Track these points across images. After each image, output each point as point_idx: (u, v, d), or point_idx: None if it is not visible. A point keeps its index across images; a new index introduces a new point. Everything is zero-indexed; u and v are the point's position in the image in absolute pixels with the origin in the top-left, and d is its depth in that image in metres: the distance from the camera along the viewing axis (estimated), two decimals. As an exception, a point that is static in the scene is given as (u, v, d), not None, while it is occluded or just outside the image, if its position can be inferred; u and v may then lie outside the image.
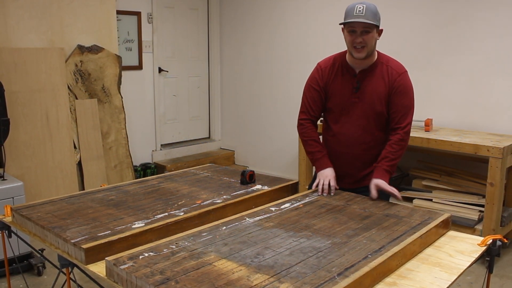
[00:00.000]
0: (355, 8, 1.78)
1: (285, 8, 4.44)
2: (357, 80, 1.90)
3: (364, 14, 1.76)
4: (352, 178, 1.99)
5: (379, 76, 1.88)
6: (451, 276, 1.29)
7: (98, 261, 1.34)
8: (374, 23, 1.78)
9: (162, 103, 4.75)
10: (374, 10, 1.80)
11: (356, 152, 1.95)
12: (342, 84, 1.92)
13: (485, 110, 3.29)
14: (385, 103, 1.88)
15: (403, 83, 1.87)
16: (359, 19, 1.76)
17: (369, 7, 1.78)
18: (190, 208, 1.69)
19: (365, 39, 1.79)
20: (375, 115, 1.90)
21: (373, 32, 1.80)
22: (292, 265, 1.23)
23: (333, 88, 1.94)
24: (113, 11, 3.96)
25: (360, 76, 1.90)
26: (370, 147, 1.94)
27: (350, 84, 1.91)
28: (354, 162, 1.97)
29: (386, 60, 1.92)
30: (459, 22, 3.34)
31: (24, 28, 3.47)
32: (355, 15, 1.77)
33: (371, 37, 1.80)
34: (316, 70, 1.99)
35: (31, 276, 2.71)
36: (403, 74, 1.88)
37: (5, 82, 3.11)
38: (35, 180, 3.48)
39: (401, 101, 1.86)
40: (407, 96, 1.87)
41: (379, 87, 1.87)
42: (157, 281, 1.12)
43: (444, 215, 1.64)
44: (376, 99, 1.88)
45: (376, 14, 1.81)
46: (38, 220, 1.55)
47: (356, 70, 1.91)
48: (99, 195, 1.86)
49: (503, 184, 2.83)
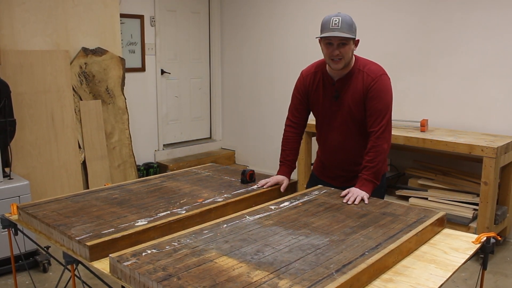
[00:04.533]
0: (331, 21, 1.76)
1: (284, 11, 4.47)
2: (336, 89, 1.92)
3: (340, 27, 1.75)
4: (343, 178, 2.04)
5: (356, 83, 1.88)
6: (446, 272, 1.30)
7: (102, 258, 1.35)
8: (350, 36, 1.77)
9: (164, 104, 4.78)
10: (349, 22, 1.78)
11: (342, 157, 2.00)
12: (323, 93, 1.95)
13: (479, 111, 3.31)
14: (363, 109, 1.89)
15: (377, 87, 1.84)
16: (335, 33, 1.75)
17: (344, 19, 1.77)
18: (191, 206, 1.69)
19: (342, 51, 1.79)
20: (356, 121, 1.91)
21: (349, 44, 1.80)
22: (291, 262, 1.24)
23: (314, 97, 1.98)
24: (117, 15, 4.00)
25: (338, 85, 1.91)
26: (355, 152, 1.96)
27: (330, 93, 1.93)
28: (342, 165, 2.03)
29: (363, 65, 1.90)
30: (453, 25, 3.36)
31: (30, 31, 3.50)
32: (331, 28, 1.76)
33: (348, 49, 1.80)
34: (299, 80, 2.03)
35: (37, 272, 2.73)
36: (378, 78, 1.85)
37: (11, 83, 3.14)
38: (41, 179, 3.52)
39: (374, 105, 1.84)
40: (380, 100, 1.84)
41: (356, 93, 1.88)
42: (159, 277, 1.13)
43: (439, 213, 1.65)
44: (354, 106, 1.89)
45: (352, 25, 1.79)
46: (44, 218, 1.56)
47: (334, 79, 1.92)
48: (103, 193, 1.87)
49: (496, 183, 2.85)
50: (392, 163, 3.76)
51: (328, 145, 2.03)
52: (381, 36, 3.78)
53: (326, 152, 2.05)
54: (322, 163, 2.12)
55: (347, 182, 2.01)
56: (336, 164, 2.04)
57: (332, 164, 2.06)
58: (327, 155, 2.06)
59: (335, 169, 2.06)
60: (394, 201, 1.85)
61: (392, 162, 3.76)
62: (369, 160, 1.85)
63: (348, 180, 2.01)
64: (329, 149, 2.03)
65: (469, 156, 2.98)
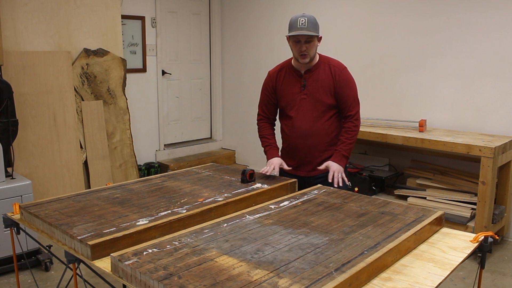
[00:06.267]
0: (298, 21, 2.01)
1: (283, 13, 4.48)
2: (304, 79, 2.15)
3: (307, 26, 2.00)
4: (310, 166, 2.20)
5: (323, 73, 2.13)
6: (444, 271, 1.30)
7: (103, 257, 1.36)
8: (315, 34, 2.03)
9: (165, 104, 4.80)
10: (314, 21, 2.04)
11: (310, 142, 2.17)
12: (290, 85, 2.18)
13: (477, 111, 3.32)
14: (332, 95, 2.13)
15: (345, 77, 2.13)
16: (303, 32, 2.00)
17: (310, 19, 2.02)
18: (192, 206, 1.70)
19: (308, 47, 2.05)
20: (324, 107, 2.13)
21: (314, 41, 2.06)
22: (291, 261, 1.24)
23: (282, 89, 2.21)
24: (118, 16, 4.01)
25: (306, 76, 2.15)
26: (322, 135, 2.16)
27: (298, 83, 2.16)
28: (310, 151, 2.18)
29: (327, 60, 2.17)
30: (451, 26, 3.37)
31: (32, 32, 3.52)
32: (298, 27, 2.00)
33: (313, 45, 2.06)
34: (266, 78, 2.27)
35: (39, 271, 2.74)
36: (344, 69, 2.14)
37: (14, 84, 3.16)
38: (43, 179, 3.53)
39: (347, 92, 2.12)
40: (351, 88, 2.14)
41: (325, 82, 2.12)
42: (160, 276, 1.14)
43: (438, 212, 1.65)
44: (323, 93, 2.12)
45: (316, 24, 2.05)
46: (46, 218, 1.57)
47: (302, 71, 2.16)
48: (104, 193, 1.88)
49: (494, 183, 2.86)
50: (390, 162, 3.77)
51: (296, 132, 2.18)
52: (379, 37, 3.78)
53: (293, 138, 2.20)
54: (287, 153, 2.25)
55: (313, 171, 2.17)
56: (304, 149, 2.18)
57: (301, 151, 2.19)
58: (294, 141, 2.20)
59: (303, 156, 2.19)
60: (393, 201, 1.86)
61: (390, 162, 3.77)
62: (348, 138, 2.12)
63: (314, 169, 2.17)
64: (296, 135, 2.18)
65: (467, 156, 2.99)
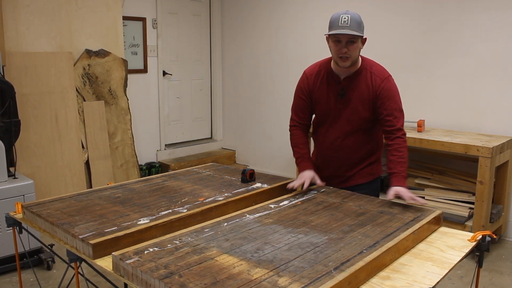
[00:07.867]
0: (340, 18, 1.75)
1: (283, 14, 4.49)
2: (342, 87, 1.91)
3: (349, 25, 1.74)
4: (340, 179, 2.04)
5: (363, 82, 1.88)
6: (442, 270, 1.31)
7: (105, 256, 1.37)
8: (359, 34, 1.76)
9: (166, 104, 4.81)
10: (358, 20, 1.77)
11: (342, 155, 1.99)
12: (327, 91, 1.94)
13: (475, 112, 3.33)
14: (369, 108, 1.89)
15: (387, 87, 1.87)
16: (344, 31, 1.74)
17: (353, 17, 1.76)
18: (193, 205, 1.71)
19: (350, 49, 1.78)
20: (360, 120, 1.92)
21: (357, 42, 1.79)
22: (291, 260, 1.25)
23: (318, 95, 1.96)
24: (120, 17, 4.02)
25: (344, 83, 1.91)
26: (354, 151, 1.98)
27: (336, 91, 1.92)
28: (340, 165, 2.02)
29: (370, 66, 1.91)
30: (449, 26, 3.38)
31: (34, 33, 3.53)
32: (340, 25, 1.75)
33: (355, 47, 1.79)
34: (302, 79, 2.02)
35: (41, 270, 2.75)
36: (386, 79, 1.88)
37: (16, 85, 3.16)
38: (45, 179, 3.54)
39: (390, 105, 1.86)
40: (393, 99, 1.87)
41: (363, 93, 1.88)
42: (161, 275, 1.15)
43: (436, 212, 1.66)
44: (360, 105, 1.89)
45: (361, 24, 1.79)
46: (48, 217, 1.57)
47: (341, 77, 1.91)
48: (106, 192, 1.89)
49: (492, 182, 2.87)
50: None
51: (327, 142, 2.01)
52: (378, 37, 3.79)
53: (324, 149, 2.04)
54: (317, 163, 2.12)
55: (341, 184, 2.02)
56: (335, 162, 2.03)
57: (331, 163, 2.04)
58: (325, 152, 2.04)
59: (333, 168, 2.05)
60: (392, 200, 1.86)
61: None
62: (400, 156, 1.84)
63: (343, 182, 2.03)
64: (327, 146, 2.02)
65: (465, 155, 2.99)
